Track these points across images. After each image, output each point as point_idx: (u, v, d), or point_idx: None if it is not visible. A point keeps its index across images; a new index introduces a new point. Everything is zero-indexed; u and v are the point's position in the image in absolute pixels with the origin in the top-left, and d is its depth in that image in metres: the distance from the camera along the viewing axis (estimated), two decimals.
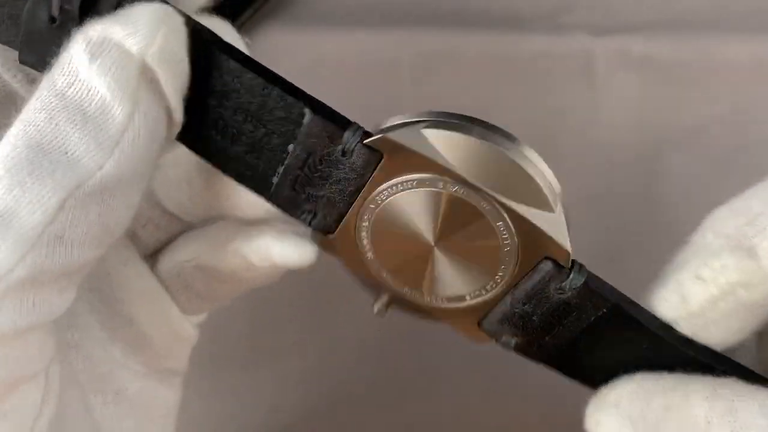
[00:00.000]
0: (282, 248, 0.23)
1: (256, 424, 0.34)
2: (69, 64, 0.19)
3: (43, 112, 0.19)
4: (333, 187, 0.21)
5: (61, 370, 0.22)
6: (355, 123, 0.21)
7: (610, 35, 0.44)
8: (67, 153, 0.18)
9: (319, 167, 0.21)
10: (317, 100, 0.21)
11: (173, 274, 0.26)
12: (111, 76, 0.19)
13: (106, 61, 0.19)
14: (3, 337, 0.18)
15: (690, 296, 0.20)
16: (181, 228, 0.26)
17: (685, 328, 0.21)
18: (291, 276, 0.26)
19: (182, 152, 0.24)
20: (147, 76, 0.19)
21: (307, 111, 0.20)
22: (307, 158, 0.21)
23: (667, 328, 0.22)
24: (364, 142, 0.20)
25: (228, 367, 0.28)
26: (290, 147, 0.21)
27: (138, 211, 0.25)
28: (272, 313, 0.36)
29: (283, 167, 0.22)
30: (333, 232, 0.22)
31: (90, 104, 0.19)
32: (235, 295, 0.26)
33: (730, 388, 0.20)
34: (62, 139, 0.18)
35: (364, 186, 0.21)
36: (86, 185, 0.18)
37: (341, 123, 0.21)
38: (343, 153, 0.21)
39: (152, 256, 0.26)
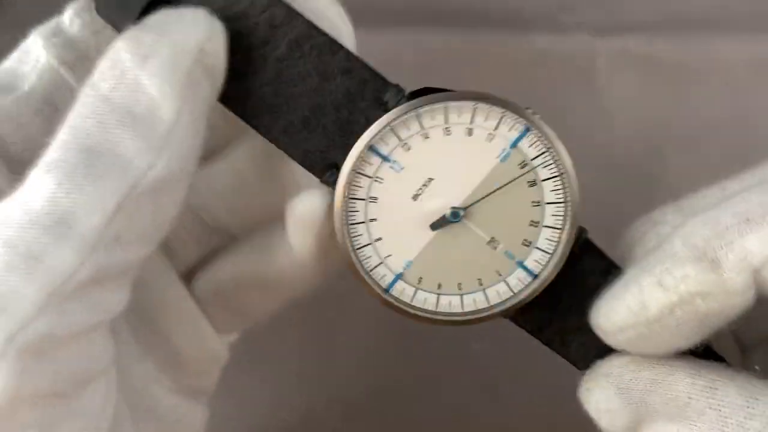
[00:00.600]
0: (301, 199, 0.23)
1: (255, 424, 0.34)
2: (113, 67, 0.19)
3: (91, 117, 0.19)
4: None
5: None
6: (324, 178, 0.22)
7: (611, 35, 0.44)
8: (119, 155, 0.19)
9: None
10: (294, 154, 0.22)
11: (211, 292, 0.26)
12: (162, 77, 0.19)
13: (158, 60, 0.19)
14: (72, 335, 0.19)
15: (650, 302, 0.20)
16: (221, 242, 0.26)
17: (639, 333, 0.21)
18: None
19: (238, 157, 0.24)
20: (197, 72, 0.20)
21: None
22: None
23: None
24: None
25: (228, 368, 0.28)
26: None
27: (180, 228, 0.25)
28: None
29: None
30: None
31: (138, 105, 0.19)
32: (273, 308, 0.26)
33: (713, 369, 0.20)
34: (113, 141, 0.19)
35: None
36: (140, 186, 0.19)
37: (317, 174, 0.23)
38: None
39: (188, 275, 0.26)
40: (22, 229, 0.18)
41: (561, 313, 0.24)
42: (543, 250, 0.23)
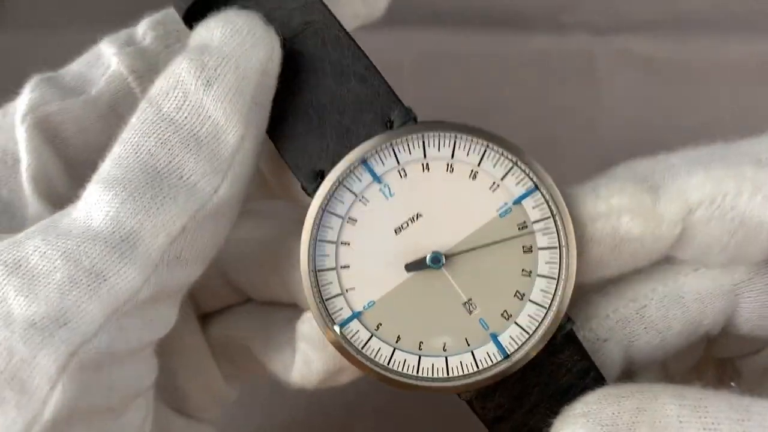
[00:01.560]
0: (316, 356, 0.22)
1: (255, 424, 0.34)
2: (176, 88, 0.19)
3: (153, 136, 0.19)
4: None
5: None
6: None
7: (612, 35, 0.44)
8: (182, 177, 0.19)
9: None
10: (283, 148, 0.21)
11: (222, 342, 0.25)
12: (228, 101, 0.19)
13: (224, 85, 0.19)
14: (130, 352, 0.19)
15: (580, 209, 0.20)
16: (238, 300, 0.26)
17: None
18: None
19: (265, 232, 0.24)
20: (259, 95, 0.19)
21: None
22: None
23: None
24: None
25: None
26: None
27: (201, 276, 0.25)
28: None
29: None
30: None
31: (202, 128, 0.19)
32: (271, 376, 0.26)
33: (695, 389, 0.19)
34: (177, 163, 0.19)
35: None
36: (204, 209, 0.19)
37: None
38: None
39: (205, 317, 0.26)
40: (84, 243, 0.18)
41: (526, 408, 0.21)
42: (522, 328, 0.20)
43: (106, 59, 0.22)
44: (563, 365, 0.21)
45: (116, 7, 0.43)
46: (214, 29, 0.19)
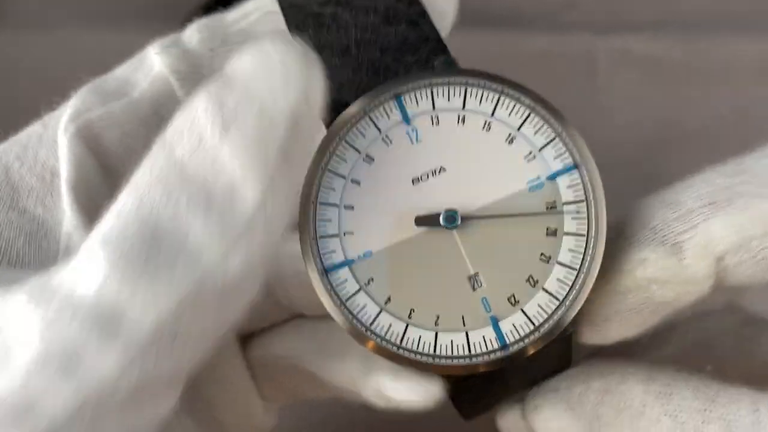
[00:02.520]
0: (398, 388, 0.19)
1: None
2: (191, 128, 0.16)
3: (160, 185, 0.15)
4: None
5: None
6: None
7: (612, 34, 0.44)
8: (185, 242, 0.15)
9: None
10: None
11: (263, 363, 0.24)
12: (247, 152, 0.15)
13: (243, 131, 0.15)
14: None
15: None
16: (284, 318, 0.24)
17: (588, 319, 0.19)
18: None
19: None
20: (289, 145, 0.16)
21: None
22: None
23: None
24: None
25: None
26: None
27: None
28: None
29: None
30: None
31: (215, 183, 0.15)
32: (323, 397, 0.24)
33: (666, 374, 0.19)
34: (181, 223, 0.15)
35: None
36: (207, 284, 0.15)
37: None
38: None
39: (246, 338, 0.24)
40: (64, 313, 0.15)
41: (494, 390, 0.20)
42: (528, 318, 0.18)
43: (149, 61, 0.21)
44: (546, 353, 0.19)
45: (116, 7, 0.43)
46: (244, 58, 0.16)
